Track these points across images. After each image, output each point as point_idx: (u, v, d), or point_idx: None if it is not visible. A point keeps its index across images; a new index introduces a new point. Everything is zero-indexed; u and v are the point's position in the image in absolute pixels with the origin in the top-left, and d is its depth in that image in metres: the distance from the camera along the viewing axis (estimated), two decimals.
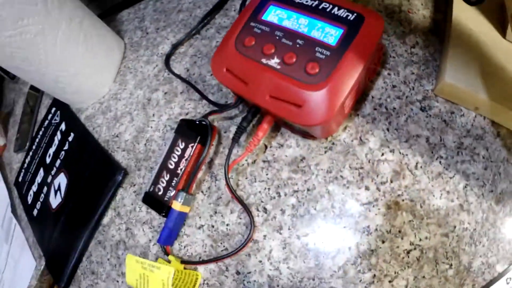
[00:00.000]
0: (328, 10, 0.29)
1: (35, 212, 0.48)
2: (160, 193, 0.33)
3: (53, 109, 0.49)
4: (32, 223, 0.48)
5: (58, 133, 0.46)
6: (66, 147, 0.44)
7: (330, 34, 0.28)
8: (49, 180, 0.46)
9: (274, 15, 0.30)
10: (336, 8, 0.28)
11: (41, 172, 0.48)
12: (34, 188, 0.48)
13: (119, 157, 0.39)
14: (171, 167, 0.33)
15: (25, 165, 0.51)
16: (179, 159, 0.33)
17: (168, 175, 0.33)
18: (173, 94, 0.38)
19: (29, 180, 0.49)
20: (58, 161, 0.45)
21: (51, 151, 0.47)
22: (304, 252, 0.30)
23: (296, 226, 0.30)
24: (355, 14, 0.27)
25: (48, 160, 0.47)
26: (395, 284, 0.27)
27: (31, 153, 0.50)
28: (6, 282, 0.55)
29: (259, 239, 0.31)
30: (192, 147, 0.33)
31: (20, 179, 0.52)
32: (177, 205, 0.32)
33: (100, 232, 0.40)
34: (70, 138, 0.44)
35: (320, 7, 0.29)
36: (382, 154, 0.30)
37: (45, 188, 0.46)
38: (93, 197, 0.39)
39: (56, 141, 0.46)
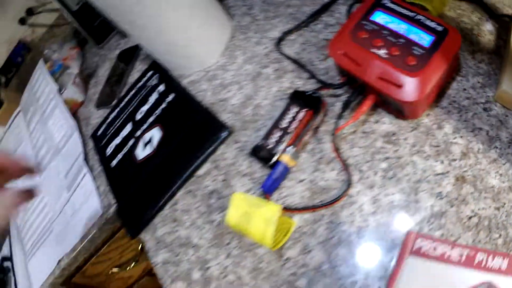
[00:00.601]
0: (421, 20, 0.40)
1: (113, 163, 0.55)
2: (269, 147, 0.42)
3: (150, 73, 0.58)
4: (108, 173, 0.55)
5: (155, 93, 0.55)
6: (163, 106, 0.53)
7: (424, 39, 0.38)
8: (137, 134, 0.54)
9: (381, 18, 0.41)
10: (428, 20, 0.40)
11: (128, 126, 0.55)
12: (117, 140, 0.56)
13: (224, 117, 0.48)
14: (283, 126, 0.42)
15: (109, 120, 0.58)
16: (292, 120, 0.42)
17: (279, 132, 0.42)
18: (283, 71, 0.48)
19: (111, 134, 0.57)
20: (153, 117, 0.53)
21: (144, 108, 0.55)
22: (389, 208, 0.38)
23: (385, 185, 0.39)
24: (442, 27, 0.39)
25: (138, 116, 0.55)
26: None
27: (117, 110, 0.58)
28: (54, 232, 0.60)
29: (353, 194, 0.39)
30: (304, 111, 0.42)
31: (99, 133, 0.59)
32: (285, 158, 0.41)
33: (192, 182, 0.47)
34: (169, 98, 0.53)
35: (416, 17, 0.40)
36: (454, 138, 0.39)
37: (132, 141, 0.54)
38: (191, 151, 0.47)
39: (151, 100, 0.55)
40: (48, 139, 0.63)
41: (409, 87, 0.37)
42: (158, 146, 0.51)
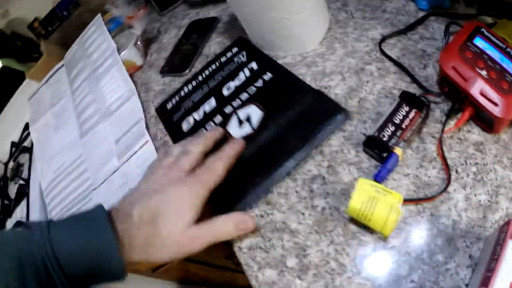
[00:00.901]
0: (510, 53, 0.48)
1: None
2: (383, 138, 0.46)
3: (235, 49, 0.56)
4: None
5: (245, 70, 0.54)
6: (259, 84, 0.52)
7: None
8: (227, 110, 0.52)
9: (480, 43, 0.49)
10: None
11: (212, 101, 0.53)
12: (196, 115, 0.53)
13: None
14: (396, 121, 0.46)
15: (184, 91, 0.55)
16: (404, 117, 0.46)
17: (393, 127, 0.46)
18: (386, 71, 0.52)
19: (190, 107, 0.53)
20: (245, 95, 0.53)
21: (232, 84, 0.54)
22: (477, 206, 0.45)
23: (475, 186, 0.46)
24: None
25: (226, 92, 0.53)
26: None
27: (194, 82, 0.55)
28: (93, 201, 0.53)
29: (450, 191, 0.45)
30: (414, 112, 0.47)
31: (171, 105, 0.55)
32: (399, 151, 0.45)
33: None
34: (266, 77, 0.53)
35: (507, 50, 0.48)
36: None
37: (218, 117, 0.52)
38: (301, 134, 0.47)
39: (242, 77, 0.53)
40: (97, 100, 0.56)
41: (503, 106, 0.45)
42: (260, 126, 0.50)
